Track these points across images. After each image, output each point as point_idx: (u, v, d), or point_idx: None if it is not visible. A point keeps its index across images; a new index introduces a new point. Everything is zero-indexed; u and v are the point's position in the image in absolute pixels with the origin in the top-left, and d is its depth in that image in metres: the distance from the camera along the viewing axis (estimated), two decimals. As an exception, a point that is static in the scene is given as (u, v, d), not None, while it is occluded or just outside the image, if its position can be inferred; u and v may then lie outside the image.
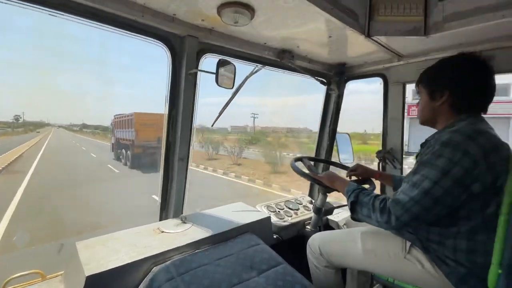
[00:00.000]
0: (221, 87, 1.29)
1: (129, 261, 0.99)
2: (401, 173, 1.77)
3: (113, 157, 12.58)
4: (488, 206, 0.85)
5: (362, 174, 1.44)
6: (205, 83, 1.30)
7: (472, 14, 1.12)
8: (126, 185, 8.97)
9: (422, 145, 1.02)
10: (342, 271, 1.26)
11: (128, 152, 10.53)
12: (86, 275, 0.89)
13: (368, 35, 1.33)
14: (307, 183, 1.92)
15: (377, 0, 1.30)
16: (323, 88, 2.02)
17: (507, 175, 0.84)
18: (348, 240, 1.15)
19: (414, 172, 0.90)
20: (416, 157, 1.06)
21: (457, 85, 0.95)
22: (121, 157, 11.38)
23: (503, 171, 0.83)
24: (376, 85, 1.90)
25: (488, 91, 0.95)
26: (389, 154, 1.78)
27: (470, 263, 0.88)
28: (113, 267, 0.95)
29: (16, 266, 3.86)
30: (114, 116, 12.84)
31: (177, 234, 1.22)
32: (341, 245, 1.16)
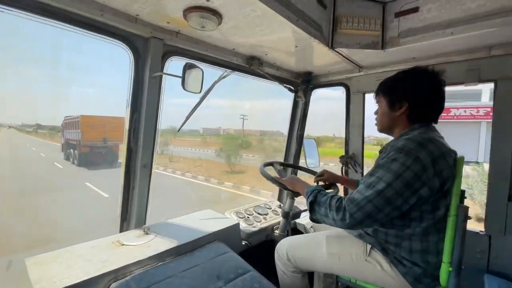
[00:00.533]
0: (188, 91, 1.25)
1: (85, 278, 0.90)
2: (361, 176, 1.88)
3: (63, 157, 13.08)
4: (438, 209, 0.93)
5: (329, 179, 1.49)
6: (177, 85, 1.25)
7: (424, 31, 1.25)
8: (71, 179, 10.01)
9: (380, 151, 1.09)
10: (309, 275, 1.29)
11: (76, 151, 11.55)
12: None
13: (332, 47, 1.40)
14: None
15: (340, 14, 1.38)
16: (291, 94, 2.08)
17: (453, 180, 0.94)
18: (314, 244, 1.18)
19: (370, 174, 0.96)
20: (376, 161, 1.13)
21: (415, 97, 1.02)
22: (70, 156, 12.11)
23: (449, 176, 0.91)
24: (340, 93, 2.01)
25: (440, 103, 1.04)
26: (351, 159, 1.88)
27: (424, 263, 0.95)
28: (67, 285, 0.86)
29: None
30: (64, 117, 13.38)
31: (138, 246, 1.14)
32: (308, 249, 1.19)
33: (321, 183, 1.51)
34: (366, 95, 1.86)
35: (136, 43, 1.21)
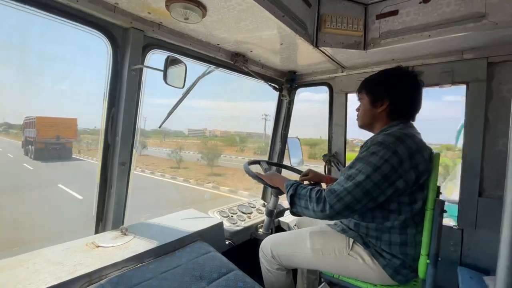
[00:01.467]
0: (170, 85, 1.21)
1: (54, 283, 0.83)
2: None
3: (23, 153, 15.04)
4: (415, 202, 0.97)
5: (313, 178, 1.51)
6: (160, 82, 1.20)
7: (403, 33, 1.29)
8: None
9: (361, 147, 1.11)
10: (293, 272, 1.29)
11: (33, 147, 13.80)
12: None
13: (316, 45, 1.41)
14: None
15: (324, 13, 1.40)
16: (276, 94, 2.08)
17: (429, 174, 0.98)
18: (298, 240, 1.18)
19: (350, 166, 0.98)
20: None
21: (396, 95, 1.07)
22: (28, 152, 14.36)
23: (425, 170, 0.95)
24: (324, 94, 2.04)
25: (418, 102, 1.10)
26: (334, 157, 1.91)
27: (402, 255, 0.99)
28: None
29: None
30: (24, 118, 15.56)
31: (115, 248, 1.08)
32: (292, 246, 1.19)
33: (306, 182, 1.52)
34: (348, 95, 1.90)
35: (115, 33, 1.15)
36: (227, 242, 1.52)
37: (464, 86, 1.46)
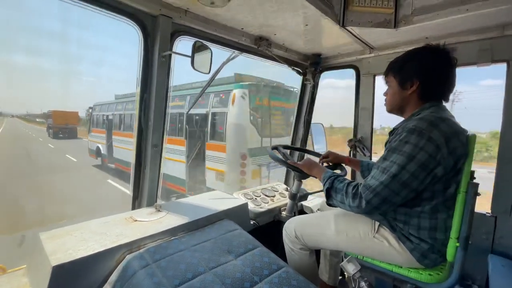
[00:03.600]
0: (197, 71, 1.25)
1: (100, 250, 0.94)
2: (370, 160, 1.88)
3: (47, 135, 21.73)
4: (449, 187, 0.94)
5: (333, 160, 1.50)
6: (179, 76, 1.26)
7: (439, 8, 1.20)
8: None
9: (390, 133, 1.08)
10: (316, 253, 1.32)
11: (51, 130, 20.63)
12: (53, 265, 0.83)
13: (343, 25, 1.36)
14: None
15: (352, -10, 1.34)
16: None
17: (466, 157, 0.94)
18: (322, 222, 1.20)
19: (384, 158, 0.95)
20: (385, 145, 1.13)
21: (426, 75, 1.01)
22: (49, 134, 21.06)
23: (463, 154, 0.91)
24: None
25: (451, 82, 1.03)
26: (360, 142, 1.87)
27: (431, 239, 0.97)
28: (83, 256, 0.90)
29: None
30: (47, 111, 22.20)
31: (151, 222, 1.18)
32: (316, 227, 1.21)
33: (325, 164, 1.52)
34: (376, 77, 1.83)
35: (145, 21, 1.21)
36: (251, 222, 1.59)
37: (504, 65, 1.34)
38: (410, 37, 1.51)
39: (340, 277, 1.59)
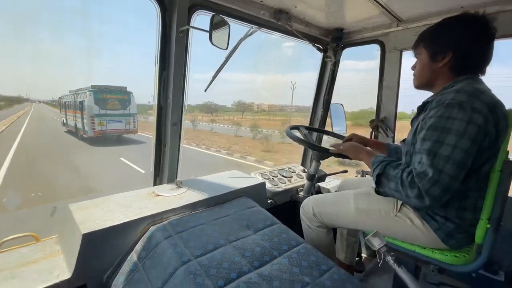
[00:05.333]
0: (215, 46, 1.22)
1: (126, 220, 0.98)
2: (393, 141, 1.80)
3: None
4: (484, 164, 0.87)
5: (358, 142, 1.44)
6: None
7: None
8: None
9: (421, 108, 1.00)
10: (333, 232, 1.31)
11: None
12: (83, 233, 0.88)
13: None
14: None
15: (381, -46, 1.22)
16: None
17: (505, 133, 0.86)
18: (341, 201, 1.18)
19: (423, 138, 0.85)
20: (412, 122, 1.06)
21: (461, 46, 0.92)
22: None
23: (504, 128, 0.84)
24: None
25: (489, 55, 0.93)
26: (382, 122, 1.79)
27: (458, 219, 0.92)
28: (110, 225, 0.94)
29: (7, 228, 4.06)
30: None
31: (173, 197, 1.21)
32: (334, 206, 1.19)
33: None
34: (404, 53, 1.71)
35: None
36: (269, 201, 1.60)
37: None
38: (443, 6, 1.37)
39: (356, 258, 1.59)
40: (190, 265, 0.84)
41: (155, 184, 1.44)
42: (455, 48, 0.92)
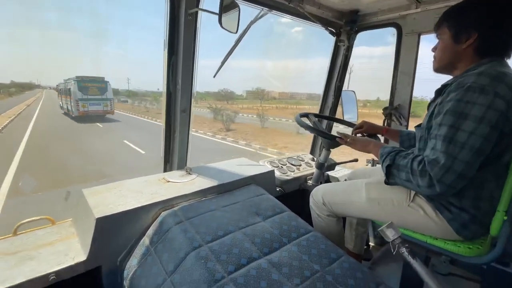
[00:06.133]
0: (225, 29, 1.18)
1: (138, 206, 1.00)
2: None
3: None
4: (504, 153, 0.83)
5: (369, 130, 1.40)
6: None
7: None
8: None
9: (439, 92, 0.96)
10: (343, 221, 1.31)
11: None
12: (96, 217, 0.90)
13: None
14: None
15: None
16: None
17: None
18: (352, 190, 1.16)
19: (439, 124, 0.82)
20: (428, 106, 1.01)
21: (487, 26, 0.86)
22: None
23: None
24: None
25: None
26: (396, 110, 1.73)
27: (474, 209, 0.89)
28: (122, 210, 0.96)
29: (23, 212, 4.31)
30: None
31: (183, 183, 1.22)
32: (345, 195, 1.18)
33: (359, 135, 1.44)
34: (422, 37, 1.62)
35: None
36: (277, 189, 1.59)
37: None
38: None
39: (365, 247, 1.59)
40: (201, 250, 0.85)
41: (165, 171, 1.45)
42: (480, 28, 0.86)
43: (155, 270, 0.86)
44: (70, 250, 0.94)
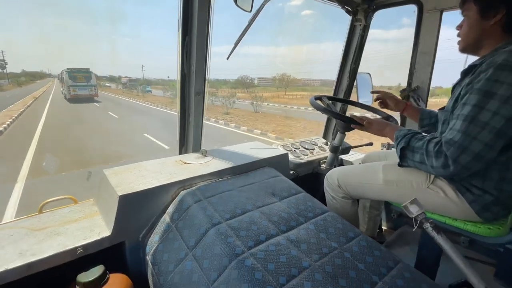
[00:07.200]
0: (239, 8, 1.16)
1: (158, 184, 1.02)
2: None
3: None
4: None
5: (393, 105, 1.36)
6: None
7: None
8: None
9: (466, 72, 0.92)
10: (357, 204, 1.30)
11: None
12: (119, 194, 0.93)
13: None
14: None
15: None
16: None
17: None
18: (369, 172, 1.15)
19: (464, 103, 0.80)
20: (453, 89, 0.98)
21: None
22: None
23: None
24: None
25: None
26: (414, 92, 1.68)
27: (497, 191, 0.87)
28: (143, 189, 0.99)
29: (45, 191, 4.60)
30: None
31: (199, 165, 1.24)
32: (361, 177, 1.17)
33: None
34: (444, 14, 1.54)
35: None
36: (291, 172, 1.60)
37: None
38: None
39: (377, 230, 1.59)
40: (221, 226, 0.87)
41: (180, 153, 1.47)
42: (509, 3, 0.82)
43: (176, 245, 0.89)
44: (95, 226, 0.98)
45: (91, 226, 0.99)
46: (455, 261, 0.74)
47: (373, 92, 1.39)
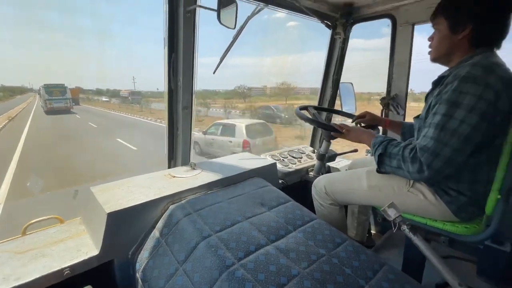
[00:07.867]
0: (223, 25, 1.20)
1: (147, 200, 1.02)
2: (404, 119, 1.79)
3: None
4: (496, 138, 0.87)
5: (370, 121, 1.44)
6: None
7: None
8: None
9: (436, 83, 0.99)
10: (345, 209, 1.34)
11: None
12: (107, 212, 0.93)
13: None
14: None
15: None
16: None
17: None
18: (354, 178, 1.20)
19: (434, 113, 0.86)
20: (426, 98, 1.04)
21: (482, 17, 0.89)
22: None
23: None
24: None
25: (507, 26, 0.90)
26: (393, 100, 1.77)
27: (471, 192, 0.93)
28: (132, 205, 0.99)
29: (30, 212, 4.34)
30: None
31: (188, 178, 1.25)
32: (347, 183, 1.21)
33: (363, 125, 1.47)
34: (416, 27, 1.65)
35: None
36: (280, 181, 1.63)
37: None
38: None
39: (367, 235, 1.63)
40: (211, 239, 0.88)
41: (169, 167, 1.47)
42: (476, 20, 0.90)
43: (167, 260, 0.89)
44: (82, 245, 0.97)
45: (78, 245, 0.97)
46: (430, 259, 0.77)
47: (354, 121, 1.45)
